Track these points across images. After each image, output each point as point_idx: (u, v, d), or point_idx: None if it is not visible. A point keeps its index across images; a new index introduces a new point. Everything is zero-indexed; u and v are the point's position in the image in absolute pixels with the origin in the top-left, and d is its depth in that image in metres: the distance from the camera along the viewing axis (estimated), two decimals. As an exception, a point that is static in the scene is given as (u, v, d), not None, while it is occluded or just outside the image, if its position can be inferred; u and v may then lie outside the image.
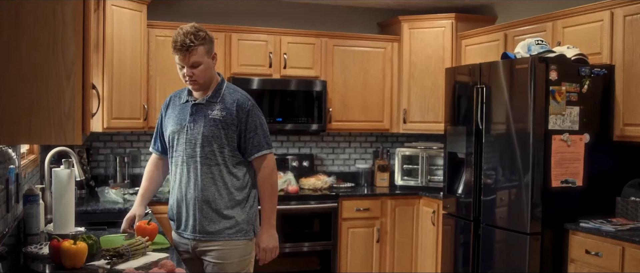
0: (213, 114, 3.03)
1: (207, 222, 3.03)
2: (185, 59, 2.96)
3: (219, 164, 3.02)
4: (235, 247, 3.04)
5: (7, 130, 1.89)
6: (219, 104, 3.04)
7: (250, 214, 3.08)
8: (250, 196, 3.09)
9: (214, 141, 3.01)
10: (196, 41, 2.94)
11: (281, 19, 5.68)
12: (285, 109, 5.38)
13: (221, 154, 3.02)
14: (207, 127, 3.02)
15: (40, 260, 2.70)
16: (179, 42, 2.94)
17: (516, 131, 4.07)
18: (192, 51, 2.94)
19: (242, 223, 3.04)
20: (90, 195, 4.78)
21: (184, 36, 2.95)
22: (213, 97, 3.06)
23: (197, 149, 3.03)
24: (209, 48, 3.01)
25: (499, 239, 4.24)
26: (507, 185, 4.17)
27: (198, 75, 2.99)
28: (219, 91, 3.08)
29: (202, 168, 3.02)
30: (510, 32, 4.85)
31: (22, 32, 1.87)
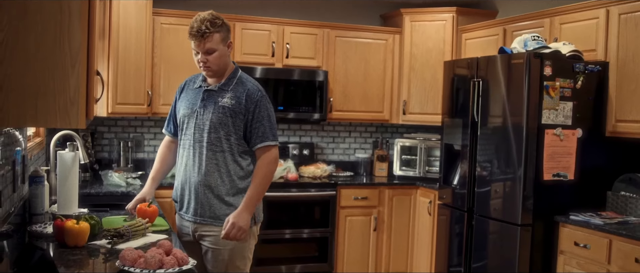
0: (223, 101, 3.09)
1: (208, 207, 3.09)
2: (201, 45, 3.02)
3: (224, 151, 3.08)
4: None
5: (15, 114, 1.98)
6: (229, 92, 3.10)
7: None
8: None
9: (221, 128, 3.07)
10: (212, 28, 3.00)
11: (284, 9, 5.77)
12: (287, 98, 5.47)
13: (227, 142, 3.08)
14: (216, 114, 3.08)
15: (44, 238, 2.81)
16: (195, 28, 3.01)
17: (512, 125, 4.15)
18: (207, 37, 3.00)
19: None
20: (94, 178, 4.89)
21: (200, 22, 3.01)
22: (225, 85, 3.12)
23: (204, 134, 3.10)
24: (225, 36, 3.07)
25: (492, 230, 4.33)
26: (501, 177, 4.26)
27: (212, 62, 3.05)
28: (232, 79, 3.14)
29: (207, 154, 3.09)
30: (510, 27, 4.92)
31: (30, 22, 1.96)
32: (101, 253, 2.61)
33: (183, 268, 2.31)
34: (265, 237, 5.10)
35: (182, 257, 2.37)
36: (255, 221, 3.16)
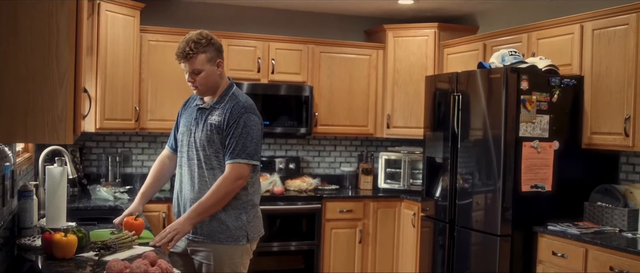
0: (211, 119, 3.10)
1: (200, 224, 3.09)
2: (187, 66, 3.06)
3: (214, 168, 3.08)
4: (225, 251, 3.08)
5: (4, 129, 2.05)
6: (218, 110, 3.10)
7: (243, 220, 3.10)
8: (246, 203, 3.12)
9: (210, 146, 3.08)
10: (196, 49, 3.01)
11: (270, 25, 5.87)
12: (273, 113, 5.56)
13: (216, 159, 3.09)
14: (205, 132, 3.10)
15: (33, 251, 2.86)
16: (180, 49, 3.04)
17: (492, 138, 4.25)
18: (191, 58, 3.02)
19: (234, 229, 3.08)
20: (82, 192, 4.95)
21: (185, 43, 3.03)
22: (217, 103, 3.12)
23: (196, 152, 3.13)
24: (213, 56, 3.06)
25: (473, 241, 4.43)
26: (481, 189, 4.36)
27: (199, 81, 3.07)
28: (224, 97, 3.13)
29: (199, 171, 3.12)
30: (490, 42, 5.05)
31: (20, 42, 2.04)
32: (88, 265, 2.66)
33: (168, 278, 2.38)
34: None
35: (167, 268, 2.44)
36: (249, 239, 3.14)
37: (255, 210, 3.19)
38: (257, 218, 3.21)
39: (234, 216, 3.09)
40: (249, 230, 3.14)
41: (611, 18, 3.99)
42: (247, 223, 3.12)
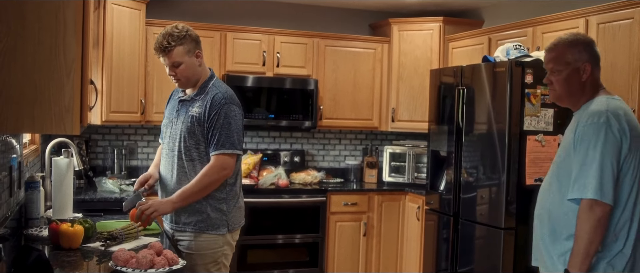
0: (192, 110, 3.12)
1: (181, 212, 3.13)
2: (166, 60, 3.10)
3: (194, 159, 3.11)
4: (205, 240, 3.11)
5: (12, 120, 2.08)
6: (199, 101, 3.12)
7: (224, 210, 3.13)
8: (227, 193, 3.14)
9: (190, 138, 3.10)
10: (173, 42, 3.04)
11: (275, 19, 5.89)
12: (278, 106, 5.58)
13: (197, 151, 3.11)
14: (185, 123, 3.12)
15: (40, 241, 2.90)
16: (157, 43, 3.09)
17: (497, 131, 4.26)
18: (169, 52, 3.06)
19: (214, 218, 3.11)
20: (88, 184, 4.98)
21: (162, 37, 3.07)
22: (197, 94, 3.15)
23: (176, 144, 3.16)
24: (190, 48, 3.10)
25: (477, 234, 4.44)
26: (486, 182, 4.36)
27: (180, 74, 3.11)
28: (204, 89, 3.15)
29: (179, 162, 3.14)
30: (495, 36, 5.05)
31: (28, 33, 2.06)
32: (95, 255, 2.70)
33: (173, 268, 2.41)
34: (257, 242, 5.21)
35: (172, 257, 2.47)
36: (229, 229, 3.16)
37: (236, 200, 3.20)
38: (238, 208, 3.23)
39: (215, 205, 3.11)
40: (229, 219, 3.15)
41: (616, 12, 3.98)
42: (228, 212, 3.15)
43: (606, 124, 2.44)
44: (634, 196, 2.51)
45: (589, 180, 2.42)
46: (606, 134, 2.43)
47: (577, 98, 2.66)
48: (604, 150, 2.42)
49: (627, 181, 2.49)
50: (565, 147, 2.61)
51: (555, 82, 2.66)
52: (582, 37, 2.69)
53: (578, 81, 2.61)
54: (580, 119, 2.52)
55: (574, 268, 2.47)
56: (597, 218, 2.42)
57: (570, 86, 2.62)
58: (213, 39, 5.36)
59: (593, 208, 2.41)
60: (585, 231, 2.43)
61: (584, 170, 2.44)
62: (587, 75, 2.61)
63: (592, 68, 2.62)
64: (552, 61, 2.66)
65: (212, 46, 5.35)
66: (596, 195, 2.40)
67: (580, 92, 2.64)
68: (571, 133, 2.57)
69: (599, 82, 2.68)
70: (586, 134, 2.46)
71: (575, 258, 2.47)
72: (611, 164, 2.43)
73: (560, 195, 2.57)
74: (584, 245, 2.44)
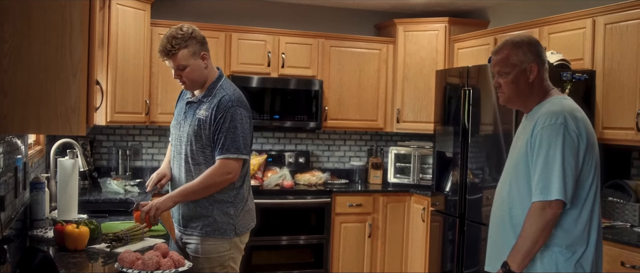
0: (199, 113, 3.06)
1: (188, 217, 3.10)
2: (171, 63, 3.04)
3: (200, 163, 3.06)
4: (211, 244, 3.06)
5: (18, 120, 2.07)
6: (206, 104, 3.06)
7: (231, 214, 3.07)
8: (233, 197, 3.08)
9: (197, 141, 3.05)
10: (177, 45, 2.98)
11: (280, 19, 5.87)
12: (282, 107, 5.56)
13: (203, 154, 3.06)
14: (192, 126, 3.07)
15: (45, 242, 2.88)
16: (161, 47, 3.02)
17: (503, 132, 4.24)
18: (173, 55, 2.99)
19: (221, 223, 3.05)
20: (93, 185, 4.96)
21: (166, 40, 3.01)
22: (205, 97, 3.09)
23: (183, 147, 3.11)
24: (195, 50, 3.02)
25: (483, 236, 4.41)
26: (492, 184, 4.34)
27: (186, 76, 3.05)
28: (212, 90, 3.08)
29: (185, 166, 3.10)
30: (500, 36, 5.02)
31: (34, 34, 2.05)
32: (100, 257, 2.69)
33: (179, 270, 2.40)
34: (261, 244, 5.19)
35: (178, 259, 2.45)
36: (237, 233, 3.10)
37: (243, 204, 3.14)
38: (247, 211, 3.16)
39: (222, 210, 3.05)
40: (237, 223, 3.09)
41: (623, 12, 3.96)
42: (235, 216, 3.09)
43: (564, 125, 2.41)
44: (593, 196, 2.49)
45: (553, 182, 2.38)
46: (565, 135, 2.41)
47: (527, 100, 2.62)
48: (564, 151, 2.40)
49: (586, 181, 2.47)
50: (519, 150, 2.56)
51: (503, 85, 2.62)
52: (527, 38, 2.65)
53: (525, 82, 2.58)
54: (537, 121, 2.48)
55: (514, 265, 2.45)
56: (547, 220, 2.39)
57: (518, 87, 2.59)
58: (218, 40, 5.35)
59: (545, 209, 2.39)
60: (533, 231, 2.40)
61: (546, 172, 2.40)
62: (534, 75, 2.57)
63: (539, 68, 2.58)
64: (499, 64, 2.61)
65: (217, 46, 5.33)
66: (561, 196, 2.37)
67: (529, 93, 2.60)
68: (525, 135, 2.53)
69: (547, 82, 2.64)
70: (545, 136, 2.43)
71: (517, 255, 2.44)
72: (572, 164, 2.41)
73: (521, 199, 2.52)
74: (529, 245, 2.42)
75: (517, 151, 2.59)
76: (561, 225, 2.46)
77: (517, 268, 2.44)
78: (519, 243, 2.44)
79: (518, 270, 2.44)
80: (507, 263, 2.46)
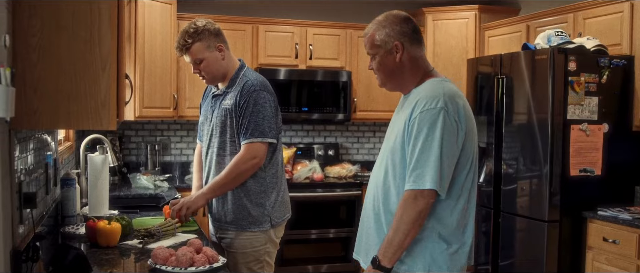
0: (224, 104, 3.05)
1: (223, 211, 3.07)
2: (188, 57, 3.04)
3: (230, 154, 3.04)
4: (246, 238, 3.03)
5: (48, 116, 2.06)
6: (230, 93, 3.04)
7: (265, 205, 3.04)
8: (266, 186, 3.05)
9: (225, 132, 3.04)
10: (190, 39, 2.97)
11: (307, 10, 5.80)
12: (311, 99, 5.50)
13: (232, 145, 3.03)
14: (219, 117, 3.05)
15: (76, 239, 2.86)
16: (176, 43, 3.03)
17: (537, 121, 4.13)
18: (188, 49, 2.99)
19: (256, 215, 3.02)
20: (122, 181, 4.96)
21: (180, 35, 3.02)
22: (229, 87, 3.07)
23: (213, 140, 3.09)
24: (210, 43, 3.01)
25: (519, 227, 4.32)
26: (527, 174, 4.24)
27: (204, 70, 3.04)
28: (235, 80, 3.07)
29: (217, 159, 3.08)
30: (533, 23, 4.90)
31: (63, 27, 2.03)
32: (133, 253, 2.66)
33: (214, 266, 2.35)
34: (291, 237, 5.13)
35: (213, 255, 2.41)
36: (272, 224, 3.07)
37: (277, 193, 3.09)
38: (281, 202, 3.12)
39: (255, 201, 3.02)
40: (272, 214, 3.06)
41: (664, -5, 3.84)
42: (270, 207, 3.05)
43: (444, 110, 2.22)
44: (469, 185, 2.33)
45: (428, 170, 2.20)
46: (444, 121, 2.22)
47: (401, 81, 2.44)
48: (442, 138, 2.22)
49: (463, 170, 2.31)
50: (397, 134, 2.36)
51: (374, 68, 2.47)
52: (392, 14, 2.46)
53: (393, 61, 2.40)
54: (416, 104, 2.28)
55: (386, 260, 2.24)
56: (420, 210, 2.21)
57: (387, 68, 2.42)
58: (245, 33, 5.30)
59: (417, 198, 2.21)
60: (404, 223, 2.21)
61: (422, 160, 2.22)
62: (401, 54, 2.38)
63: (406, 46, 2.39)
64: (366, 46, 2.48)
65: (244, 39, 5.29)
66: (434, 186, 2.19)
67: (401, 74, 2.42)
68: (403, 118, 2.34)
69: (425, 62, 2.45)
70: (423, 121, 2.23)
71: (388, 249, 2.24)
72: (449, 153, 2.24)
73: (396, 186, 2.34)
74: (400, 237, 2.22)
75: (394, 135, 2.38)
76: (436, 215, 2.28)
77: (389, 263, 2.24)
78: (390, 236, 2.25)
79: (389, 264, 2.24)
80: (377, 258, 2.26)
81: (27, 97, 2.01)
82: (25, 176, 2.27)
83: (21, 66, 1.99)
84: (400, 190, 2.30)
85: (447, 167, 2.23)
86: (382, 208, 2.37)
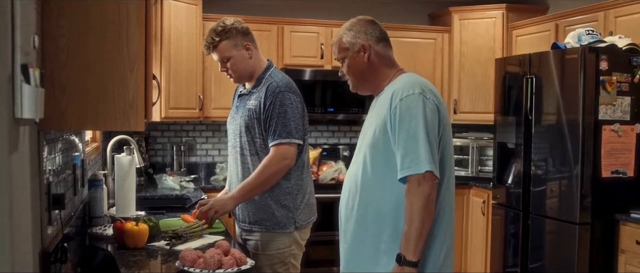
0: (250, 104, 3.03)
1: (247, 212, 3.05)
2: (215, 56, 3.05)
3: (253, 154, 3.02)
4: (271, 239, 3.00)
5: (76, 117, 2.04)
6: (255, 94, 3.03)
7: (290, 207, 3.01)
8: (291, 187, 3.01)
9: (249, 132, 3.02)
10: (217, 37, 2.98)
11: (333, 10, 5.77)
12: (336, 99, 5.47)
13: (254, 145, 3.01)
14: (243, 117, 3.04)
15: (104, 240, 2.87)
16: (204, 41, 3.05)
17: (567, 122, 4.06)
18: (216, 47, 3.00)
19: (280, 216, 2.99)
20: (148, 181, 4.97)
21: (209, 33, 3.03)
22: (254, 87, 3.06)
23: (237, 139, 3.08)
24: (237, 41, 3.01)
25: (549, 229, 4.24)
26: (557, 175, 4.17)
27: (231, 69, 3.04)
28: (261, 80, 3.05)
29: (241, 158, 3.06)
30: (562, 22, 4.82)
31: (91, 28, 2.02)
32: (160, 254, 2.65)
33: (242, 268, 2.33)
34: (317, 239, 5.09)
35: (240, 257, 2.39)
36: (297, 226, 3.03)
37: (302, 195, 3.06)
38: (307, 204, 3.08)
39: (280, 202, 2.99)
40: (297, 216, 3.03)
41: (699, -8, 3.74)
42: (294, 209, 3.02)
43: (422, 96, 2.23)
44: (447, 173, 2.31)
45: (420, 153, 2.18)
46: (424, 105, 2.22)
47: (373, 81, 2.46)
48: (426, 120, 2.21)
49: (445, 160, 2.29)
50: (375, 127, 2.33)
51: (345, 71, 2.48)
52: (358, 18, 2.51)
53: (361, 62, 2.43)
54: (393, 95, 2.27)
55: (409, 254, 2.20)
56: (427, 194, 2.18)
57: (356, 69, 2.44)
58: (270, 33, 5.28)
59: (421, 183, 2.17)
60: (415, 211, 2.18)
61: (411, 144, 2.20)
62: (369, 54, 2.42)
63: (374, 46, 2.43)
64: (335, 52, 2.49)
65: (270, 39, 5.27)
66: (430, 167, 2.16)
67: (372, 75, 2.44)
68: (382, 112, 2.32)
69: (393, 61, 2.49)
70: (404, 107, 2.23)
71: (409, 242, 2.20)
72: (434, 136, 2.22)
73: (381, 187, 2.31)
74: (417, 227, 2.18)
75: (371, 130, 2.36)
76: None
77: (413, 256, 2.20)
78: (406, 229, 2.21)
79: (415, 257, 2.20)
80: (402, 256, 2.22)
81: (55, 98, 1.99)
82: (53, 177, 2.27)
83: (50, 67, 1.98)
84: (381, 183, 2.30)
85: (435, 150, 2.22)
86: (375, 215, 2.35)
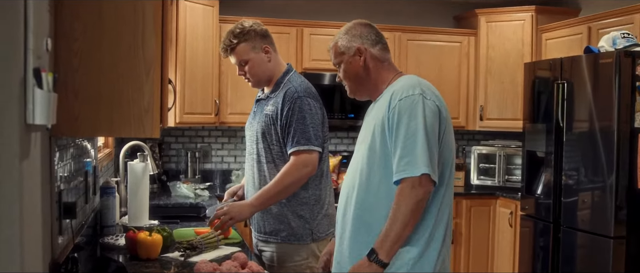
0: (267, 109, 2.94)
1: (263, 222, 2.95)
2: (233, 58, 2.97)
3: (269, 162, 2.92)
4: (286, 251, 2.91)
5: (90, 123, 1.95)
6: (273, 99, 2.94)
7: (306, 218, 2.90)
8: (308, 198, 2.91)
9: (266, 138, 2.92)
10: (235, 39, 2.91)
11: (353, 13, 5.59)
12: (357, 105, 5.23)
13: (271, 152, 2.92)
14: (260, 123, 2.95)
15: (116, 250, 2.77)
16: (222, 43, 2.98)
17: (600, 129, 3.88)
18: (233, 50, 2.93)
19: (297, 227, 2.89)
20: (162, 189, 4.85)
21: (226, 35, 2.96)
22: (272, 92, 2.97)
23: (254, 146, 2.99)
24: (255, 44, 2.93)
25: (581, 243, 4.05)
26: (589, 186, 3.99)
27: (249, 72, 2.96)
28: (279, 84, 2.96)
29: (257, 165, 2.96)
30: (595, 25, 4.63)
31: (105, 30, 1.94)
32: (174, 266, 2.55)
33: (260, 283, 2.19)
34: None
35: (258, 270, 2.29)
36: (314, 238, 2.91)
37: (320, 205, 2.94)
38: (325, 215, 2.96)
39: (296, 213, 2.89)
40: (314, 228, 2.91)
41: None
42: (311, 220, 2.91)
43: (422, 96, 2.19)
44: (448, 174, 2.26)
45: (418, 155, 2.12)
46: (424, 105, 2.18)
47: (370, 85, 2.42)
48: (425, 122, 2.16)
49: (446, 163, 2.25)
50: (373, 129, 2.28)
51: (341, 76, 2.45)
52: (354, 22, 2.46)
53: (357, 65, 2.39)
54: (392, 96, 2.23)
55: (383, 253, 2.16)
56: (419, 200, 2.13)
57: (353, 73, 2.41)
58: (289, 36, 5.15)
59: (415, 187, 2.12)
60: (402, 213, 2.13)
61: (409, 146, 2.14)
62: (365, 57, 2.38)
63: (370, 49, 2.39)
64: (332, 57, 2.46)
65: (289, 42, 5.13)
66: (427, 170, 2.11)
67: (368, 78, 2.40)
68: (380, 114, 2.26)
69: (391, 64, 2.45)
70: (403, 108, 2.18)
71: (386, 241, 2.16)
72: (434, 138, 2.17)
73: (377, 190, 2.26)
74: (398, 229, 2.14)
75: (370, 133, 2.30)
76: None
77: (386, 257, 2.16)
78: (387, 228, 2.16)
79: (387, 258, 2.16)
80: (375, 251, 2.17)
81: (68, 103, 1.90)
82: (64, 185, 2.17)
83: (63, 71, 1.89)
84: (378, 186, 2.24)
85: (434, 153, 2.16)
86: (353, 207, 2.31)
